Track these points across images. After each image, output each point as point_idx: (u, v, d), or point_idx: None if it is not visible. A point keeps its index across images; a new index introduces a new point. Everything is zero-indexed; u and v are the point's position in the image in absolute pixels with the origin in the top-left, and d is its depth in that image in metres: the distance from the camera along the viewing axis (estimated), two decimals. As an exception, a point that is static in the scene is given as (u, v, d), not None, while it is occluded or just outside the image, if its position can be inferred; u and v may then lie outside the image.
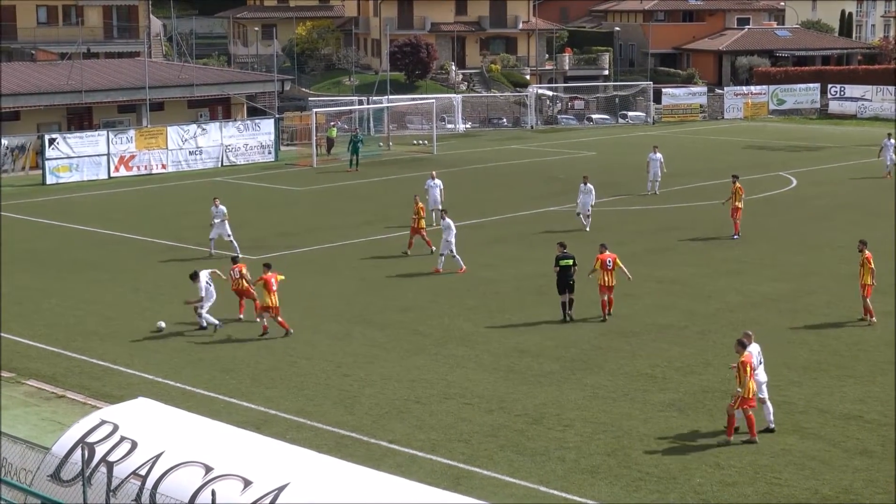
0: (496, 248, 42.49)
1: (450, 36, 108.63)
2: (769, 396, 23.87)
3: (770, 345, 29.42)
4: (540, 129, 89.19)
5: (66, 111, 69.80)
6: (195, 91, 72.83)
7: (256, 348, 29.68)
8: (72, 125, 69.73)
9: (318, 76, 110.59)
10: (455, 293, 35.30)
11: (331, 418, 24.37)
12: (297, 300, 34.77)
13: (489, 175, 62.55)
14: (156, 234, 45.17)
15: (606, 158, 69.30)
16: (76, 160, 61.58)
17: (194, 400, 25.41)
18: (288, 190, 58.15)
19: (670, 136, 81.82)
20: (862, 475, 21.32)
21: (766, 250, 41.52)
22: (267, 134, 69.60)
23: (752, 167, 63.51)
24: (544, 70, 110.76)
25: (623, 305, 33.47)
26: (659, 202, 52.01)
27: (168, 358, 28.96)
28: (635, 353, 28.94)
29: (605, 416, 24.43)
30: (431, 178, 47.03)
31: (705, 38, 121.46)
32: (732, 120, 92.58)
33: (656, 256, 40.66)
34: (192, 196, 56.38)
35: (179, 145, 65.58)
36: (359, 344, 30.09)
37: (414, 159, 70.01)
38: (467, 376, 27.09)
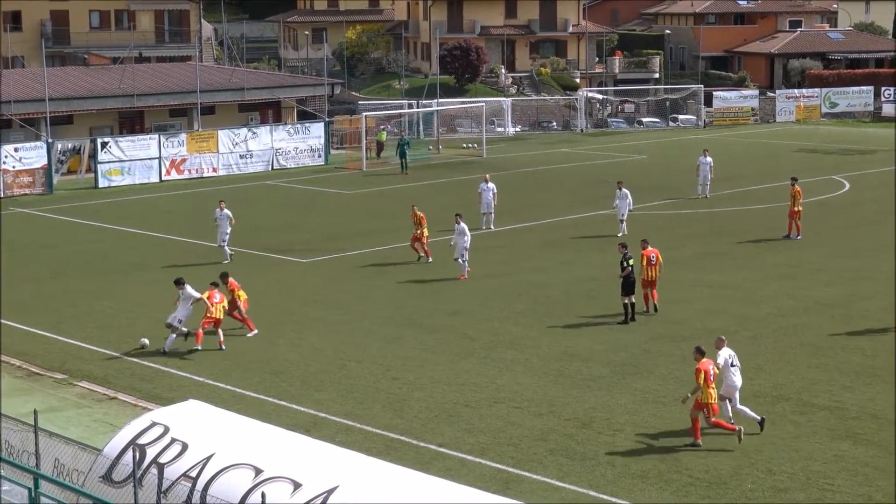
0: (546, 251, 42.40)
1: (500, 39, 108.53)
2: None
3: (823, 349, 29.27)
4: (590, 132, 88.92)
5: (117, 115, 70.34)
6: (246, 95, 73.18)
7: (307, 351, 29.76)
8: (123, 129, 70.28)
9: (367, 80, 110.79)
10: (505, 297, 35.25)
11: (380, 421, 24.39)
12: (347, 303, 34.87)
13: (539, 178, 62.44)
14: (206, 237, 45.34)
15: (657, 162, 69.02)
16: (128, 164, 62.04)
17: (244, 402, 25.51)
18: (337, 193, 58.30)
19: (721, 139, 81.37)
20: (916, 482, 21.10)
21: (818, 255, 41.19)
22: (317, 137, 69.80)
23: (805, 171, 62.94)
24: (594, 73, 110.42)
25: (674, 310, 33.32)
26: (710, 206, 51.71)
27: (218, 361, 29.09)
28: (686, 358, 28.69)
29: (656, 420, 24.31)
30: (485, 182, 46.97)
31: (757, 41, 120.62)
32: (784, 123, 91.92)
33: (707, 261, 40.42)
34: (242, 199, 56.61)
35: (230, 149, 65.90)
36: (408, 347, 30.10)
37: (463, 163, 69.99)
38: (517, 380, 27.04)
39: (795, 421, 24.17)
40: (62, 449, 18.04)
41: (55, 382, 27.60)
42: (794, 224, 44.40)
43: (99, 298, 35.40)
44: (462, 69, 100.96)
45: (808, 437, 23.26)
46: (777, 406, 25.10)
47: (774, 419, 24.19)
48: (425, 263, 39.90)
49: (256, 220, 50.12)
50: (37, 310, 33.88)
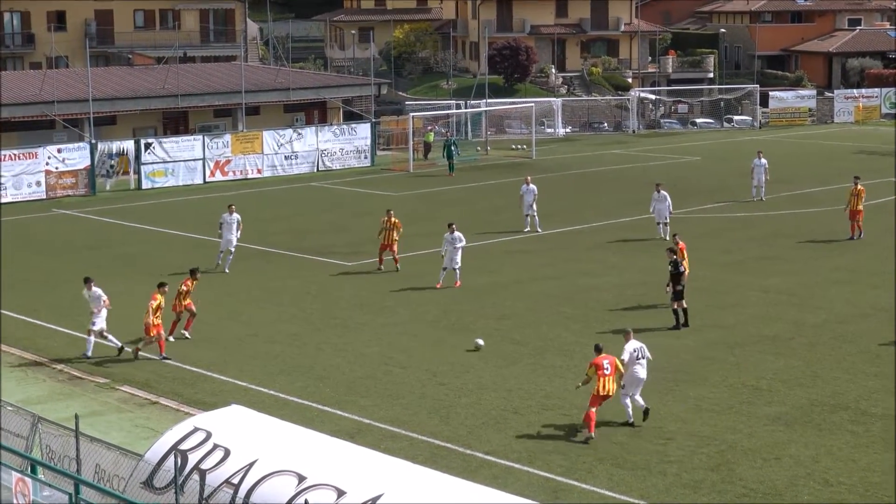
0: (596, 254, 42.25)
1: (550, 38, 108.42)
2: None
3: (881, 357, 28.96)
4: (642, 133, 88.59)
5: (161, 115, 70.83)
6: (291, 95, 73.47)
7: (352, 356, 29.78)
8: (167, 130, 70.77)
9: (415, 80, 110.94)
10: (553, 301, 35.14)
11: (426, 428, 24.36)
12: (393, 307, 34.88)
13: (589, 180, 62.26)
14: (249, 239, 45.49)
15: (711, 164, 68.66)
16: (172, 165, 62.39)
17: (288, 408, 25.55)
18: (384, 195, 58.34)
19: (777, 140, 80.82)
20: (979, 494, 20.81)
21: (877, 259, 40.80)
22: (363, 138, 69.91)
23: (863, 172, 62.15)
24: (647, 73, 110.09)
25: (728, 315, 33.13)
26: (766, 209, 51.37)
27: (262, 365, 29.16)
28: (740, 365, 28.58)
29: (709, 429, 24.14)
30: (526, 184, 46.84)
31: (814, 40, 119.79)
32: (842, 124, 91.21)
33: (763, 264, 40.15)
34: (286, 201, 56.84)
35: (275, 150, 66.13)
36: (455, 352, 30.05)
37: (512, 164, 69.91)
38: (566, 387, 26.91)
39: (853, 431, 23.93)
40: (103, 454, 18.12)
41: (97, 386, 27.76)
42: (856, 225, 44.31)
43: (142, 301, 35.47)
44: (511, 69, 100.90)
45: (866, 447, 23.02)
46: (834, 415, 24.87)
47: (831, 428, 23.97)
48: (394, 273, 39.39)
49: (301, 223, 50.27)
50: (78, 312, 34.05)
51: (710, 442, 23.37)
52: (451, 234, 37.28)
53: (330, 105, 77.48)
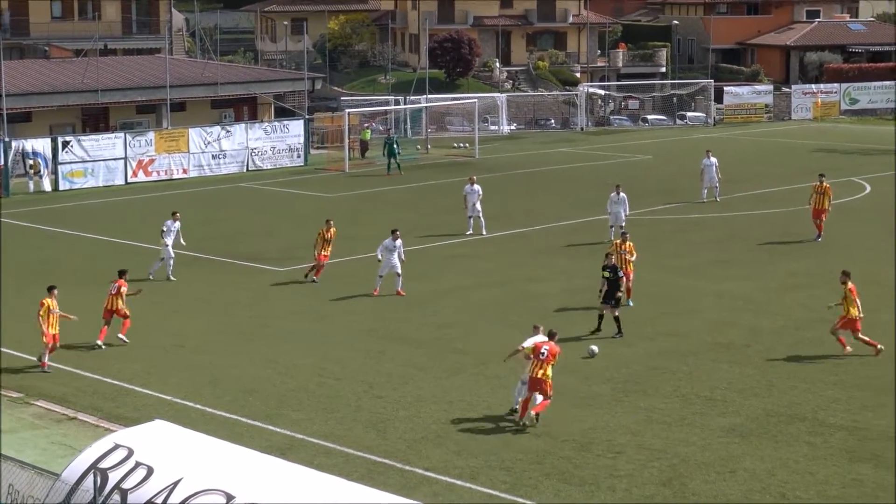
0: (543, 259, 42.43)
1: (494, 31, 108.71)
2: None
3: (841, 365, 29.31)
4: (591, 130, 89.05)
5: (80, 112, 70.34)
6: (219, 90, 73.19)
7: (284, 368, 29.74)
8: (87, 127, 70.26)
9: (351, 74, 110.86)
10: (498, 309, 35.27)
11: (362, 443, 24.37)
12: (327, 315, 34.87)
13: (536, 180, 62.50)
14: (175, 244, 45.31)
15: (663, 163, 69.13)
16: (91, 164, 61.97)
17: (215, 423, 25.47)
18: (318, 196, 58.31)
19: (732, 138, 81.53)
20: (941, 508, 21.12)
21: (837, 262, 41.15)
22: (296, 136, 69.79)
23: (822, 172, 63.04)
24: (596, 67, 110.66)
25: (681, 322, 33.39)
26: (720, 210, 51.81)
27: (188, 377, 29.05)
28: (693, 374, 28.81)
29: (660, 442, 24.32)
30: (470, 184, 47.00)
31: (771, 33, 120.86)
32: (801, 121, 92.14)
33: (717, 268, 40.50)
34: (214, 203, 56.64)
35: (202, 148, 65.87)
36: (393, 363, 30.09)
37: (454, 163, 70.06)
38: (510, 399, 26.99)
39: (811, 442, 24.20)
40: (17, 473, 17.98)
41: (10, 401, 27.53)
42: (820, 224, 45.14)
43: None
44: (453, 63, 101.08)
45: (824, 459, 23.29)
46: (791, 426, 25.13)
47: (788, 440, 24.23)
48: (311, 284, 39.33)
49: (230, 226, 50.13)
50: (-9, 323, 33.81)
51: (662, 455, 23.55)
52: (393, 241, 37.21)
53: (260, 101, 77.29)
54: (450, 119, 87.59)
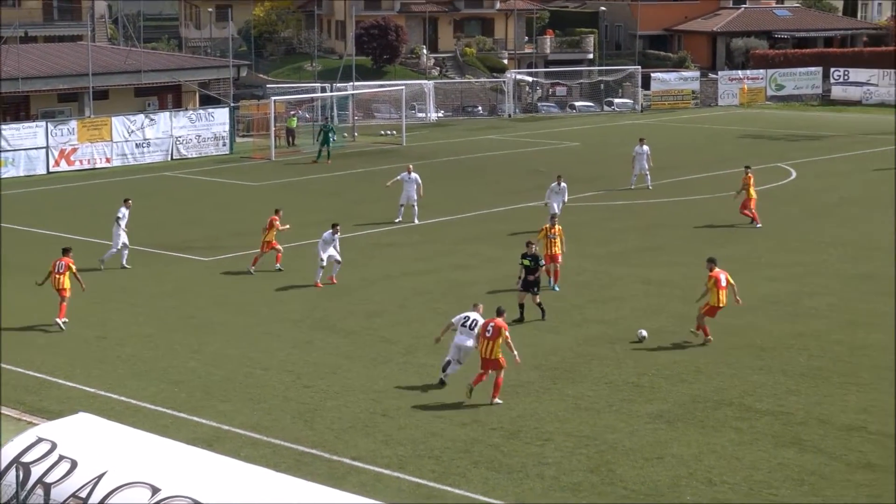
0: (471, 247, 42.54)
1: (421, 17, 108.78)
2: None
3: (767, 350, 29.67)
4: (518, 117, 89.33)
5: (0, 100, 69.53)
6: (143, 78, 72.64)
7: (210, 358, 29.64)
8: (7, 116, 69.44)
9: (277, 61, 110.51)
10: (426, 297, 35.35)
11: (289, 434, 24.36)
12: (253, 305, 34.78)
13: (463, 168, 62.62)
14: (99, 234, 44.98)
15: (591, 150, 69.51)
16: (12, 154, 61.36)
17: (140, 415, 25.36)
18: (244, 185, 58.11)
19: (660, 124, 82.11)
20: (865, 491, 21.44)
21: (764, 248, 41.72)
22: (221, 124, 69.50)
23: (749, 158, 63.57)
24: (523, 54, 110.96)
25: (609, 309, 33.63)
26: (648, 197, 52.17)
27: (111, 369, 28.88)
28: (621, 361, 29.04)
29: (588, 429, 24.50)
30: (407, 172, 47.16)
31: (698, 19, 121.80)
32: (727, 107, 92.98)
33: (644, 256, 40.80)
34: (138, 192, 56.19)
35: (125, 137, 65.42)
36: (320, 353, 30.08)
37: (381, 151, 70.04)
38: (438, 387, 27.09)
39: (737, 427, 24.47)
40: (-63, 468, 17.81)
41: (-69, 395, 27.26)
42: (751, 213, 45.78)
43: (-20, 302, 35.01)
44: (380, 50, 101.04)
45: (750, 444, 23.56)
46: (718, 412, 25.41)
47: (715, 426, 24.50)
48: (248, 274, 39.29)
49: (155, 216, 49.80)
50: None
51: (590, 442, 23.73)
52: (332, 234, 37.03)
53: (185, 89, 76.82)
54: (377, 106, 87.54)
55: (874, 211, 48.28)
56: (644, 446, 23.47)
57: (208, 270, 39.66)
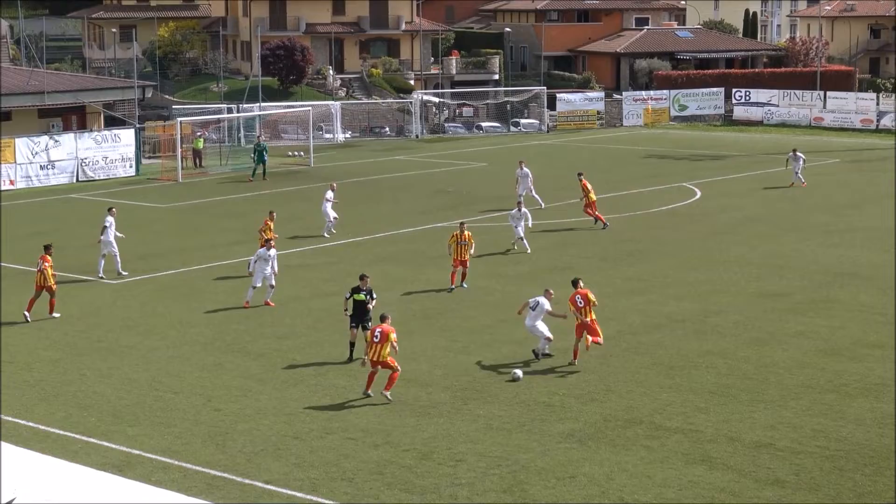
0: (379, 267, 42.43)
1: (327, 38, 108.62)
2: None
3: (675, 369, 29.89)
4: (426, 138, 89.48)
5: None
6: (46, 99, 71.79)
7: (118, 382, 29.30)
8: None
9: (182, 82, 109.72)
10: (336, 319, 35.15)
11: (201, 457, 24.13)
12: (161, 328, 34.45)
13: (371, 188, 62.56)
14: (3, 257, 44.38)
15: (498, 170, 69.70)
16: (-87, 176, 60.40)
17: (49, 440, 25.00)
18: (150, 207, 57.61)
19: (565, 144, 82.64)
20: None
21: (669, 267, 42.05)
22: (127, 146, 68.92)
23: (654, 177, 64.37)
24: (429, 74, 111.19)
25: (516, 330, 33.63)
26: (554, 217, 52.40)
27: (18, 394, 28.44)
28: (531, 381, 29.10)
29: (500, 449, 24.51)
30: (332, 190, 49.63)
31: (602, 40, 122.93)
32: (632, 127, 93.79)
33: (550, 276, 40.86)
34: (44, 215, 55.56)
35: (29, 159, 64.63)
36: (231, 375, 29.86)
37: (289, 172, 69.78)
38: (349, 409, 27.00)
39: (648, 446, 24.61)
40: None
41: None
42: (596, 216, 49.10)
43: None
44: (286, 70, 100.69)
45: (661, 462, 23.71)
46: (629, 430, 25.54)
47: (626, 444, 24.61)
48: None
49: (60, 239, 49.14)
50: None
51: (502, 462, 23.74)
52: (267, 251, 36.81)
53: (90, 110, 76.06)
54: (284, 127, 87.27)
55: (776, 229, 48.90)
56: (556, 466, 23.53)
57: (114, 294, 39.22)
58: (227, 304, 37.15)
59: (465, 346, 32.12)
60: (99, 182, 66.04)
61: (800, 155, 61.25)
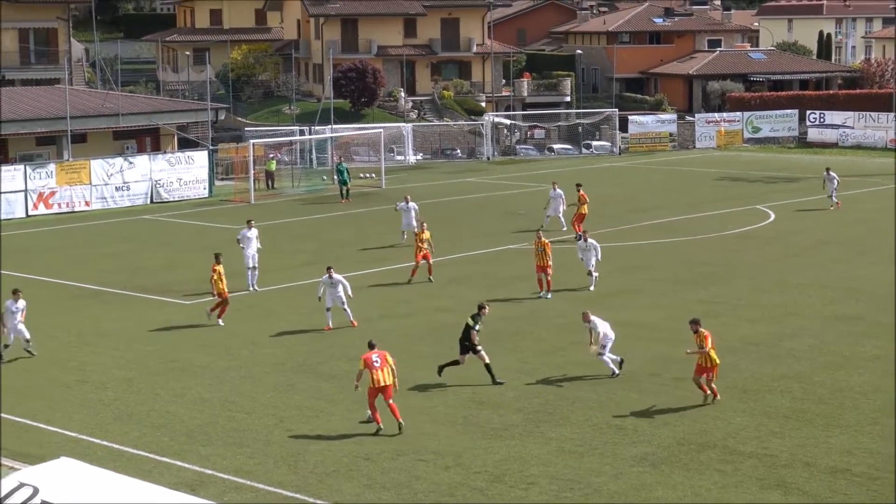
0: (451, 289, 42.48)
1: (398, 60, 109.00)
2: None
3: (749, 392, 29.63)
4: (497, 160, 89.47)
5: (-22, 144, 69.38)
6: (121, 121, 72.52)
7: (192, 402, 29.50)
8: (-15, 159, 69.29)
9: (255, 104, 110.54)
10: (407, 339, 35.23)
11: (273, 478, 24.22)
12: (234, 349, 34.64)
13: (443, 211, 62.60)
14: (78, 277, 44.87)
15: (569, 192, 69.45)
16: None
17: (122, 459, 25.20)
18: (223, 228, 57.93)
19: (637, 167, 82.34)
20: (851, 533, 21.40)
21: (743, 290, 41.74)
22: (201, 167, 69.46)
23: (727, 200, 63.97)
24: (501, 97, 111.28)
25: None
26: (625, 239, 52.21)
27: (93, 413, 28.71)
28: (604, 404, 28.97)
29: (572, 472, 24.41)
30: (405, 202, 51.21)
31: (674, 62, 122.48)
32: (704, 149, 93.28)
33: (621, 299, 40.75)
34: (118, 236, 56.12)
35: (104, 180, 65.31)
36: (303, 396, 29.96)
37: (360, 194, 70.00)
38: (421, 430, 27.00)
39: (722, 470, 24.41)
40: (-82, 515, 17.66)
41: None
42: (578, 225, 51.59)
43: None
44: (358, 93, 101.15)
45: (735, 487, 23.50)
46: (702, 454, 25.34)
47: (699, 468, 24.43)
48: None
49: (134, 259, 49.70)
50: None
51: (574, 486, 23.64)
52: (329, 278, 36.80)
53: (163, 132, 76.77)
54: (355, 150, 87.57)
55: (850, 252, 48.42)
56: (629, 490, 23.40)
57: (189, 314, 39.49)
58: (299, 325, 37.29)
59: (537, 368, 32.04)
60: (172, 203, 66.62)
61: (833, 175, 60.69)
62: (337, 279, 36.71)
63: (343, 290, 36.67)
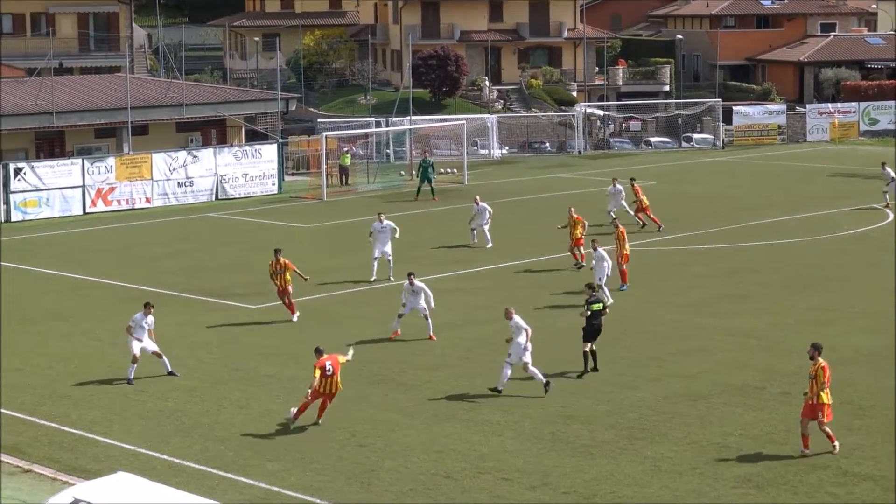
0: (538, 294, 42.35)
1: (483, 46, 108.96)
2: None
3: (865, 409, 29.30)
4: (589, 154, 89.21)
5: (34, 136, 70.19)
6: (185, 112, 73.04)
7: (257, 414, 29.65)
8: (41, 152, 70.10)
9: (328, 94, 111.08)
10: (491, 348, 35.13)
11: (345, 496, 24.28)
12: (302, 357, 34.72)
13: (531, 209, 62.52)
14: (137, 278, 45.27)
15: (668, 189, 69.17)
16: (46, 193, 61.92)
17: (183, 474, 25.37)
18: (293, 227, 58.27)
19: (743, 161, 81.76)
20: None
21: (857, 296, 41.29)
22: (269, 162, 69.82)
23: (841, 198, 63.31)
24: (594, 85, 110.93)
25: (691, 362, 33.36)
26: (730, 240, 51.81)
27: (153, 425, 28.93)
28: (704, 419, 28.77)
29: (670, 493, 24.27)
30: (476, 203, 51.81)
31: (783, 48, 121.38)
32: (816, 143, 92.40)
33: (727, 304, 40.48)
34: (180, 234, 56.55)
35: (167, 175, 65.85)
36: (377, 408, 30.02)
37: (441, 190, 70.01)
38: (504, 447, 26.96)
39: (833, 493, 24.19)
40: (-34, 532, 17.89)
41: (-42, 453, 27.39)
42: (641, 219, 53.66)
43: (8, 353, 35.15)
44: (439, 81, 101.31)
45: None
46: (812, 475, 25.09)
47: (809, 491, 24.19)
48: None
49: (197, 259, 50.08)
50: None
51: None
52: (410, 285, 36.78)
53: (230, 123, 77.27)
54: (436, 142, 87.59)
55: (980, 256, 47.75)
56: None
57: (254, 319, 39.71)
58: (373, 331, 37.36)
59: (632, 381, 31.87)
60: (238, 200, 67.02)
61: (889, 171, 60.07)
62: (419, 287, 36.56)
63: (426, 299, 36.52)
